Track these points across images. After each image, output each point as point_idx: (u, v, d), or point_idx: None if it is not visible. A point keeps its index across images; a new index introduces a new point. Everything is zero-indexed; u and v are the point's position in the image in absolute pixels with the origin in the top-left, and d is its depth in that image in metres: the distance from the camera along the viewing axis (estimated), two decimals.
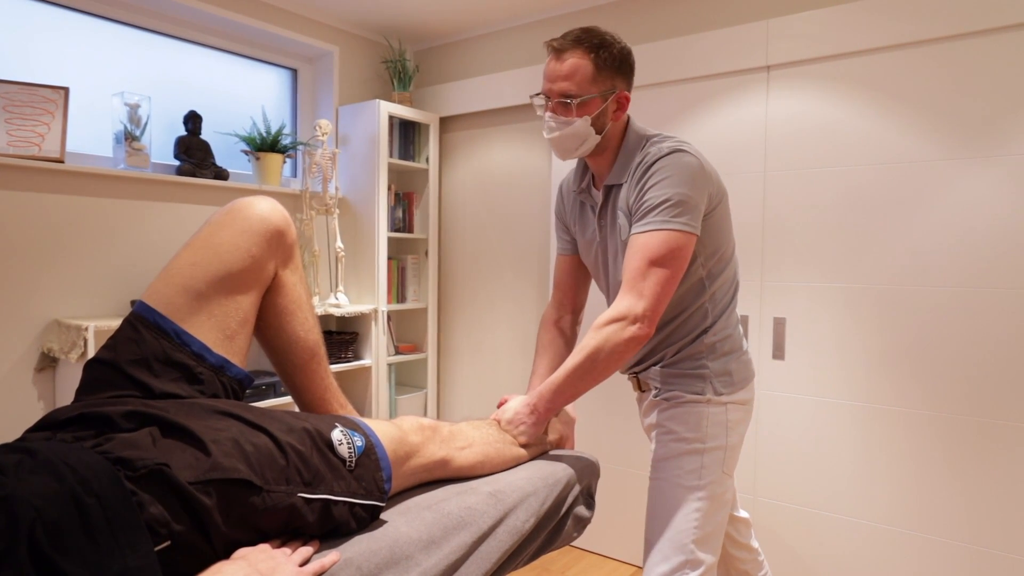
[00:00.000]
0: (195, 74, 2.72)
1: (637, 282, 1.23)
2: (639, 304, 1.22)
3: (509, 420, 1.31)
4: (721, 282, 1.38)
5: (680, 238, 1.23)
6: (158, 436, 0.83)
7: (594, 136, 1.33)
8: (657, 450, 1.39)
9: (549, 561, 2.68)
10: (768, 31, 2.26)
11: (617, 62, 1.30)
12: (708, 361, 1.37)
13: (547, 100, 1.33)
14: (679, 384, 1.38)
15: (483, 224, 3.16)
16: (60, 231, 2.21)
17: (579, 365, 1.25)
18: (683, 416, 1.36)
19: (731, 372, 1.38)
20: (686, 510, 1.32)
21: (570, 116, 1.30)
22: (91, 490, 0.71)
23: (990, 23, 1.89)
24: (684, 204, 1.24)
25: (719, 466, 1.35)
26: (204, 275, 1.01)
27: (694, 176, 1.25)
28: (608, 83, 1.30)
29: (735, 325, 1.42)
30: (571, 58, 1.28)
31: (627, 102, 1.34)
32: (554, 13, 2.90)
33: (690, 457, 1.34)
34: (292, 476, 0.87)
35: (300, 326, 1.14)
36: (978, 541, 1.96)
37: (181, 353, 0.98)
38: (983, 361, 1.94)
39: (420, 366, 3.30)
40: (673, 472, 1.35)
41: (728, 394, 1.37)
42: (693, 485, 1.33)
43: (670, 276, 1.23)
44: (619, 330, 1.22)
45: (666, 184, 1.25)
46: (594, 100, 1.30)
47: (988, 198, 1.92)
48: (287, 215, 1.11)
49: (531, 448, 1.33)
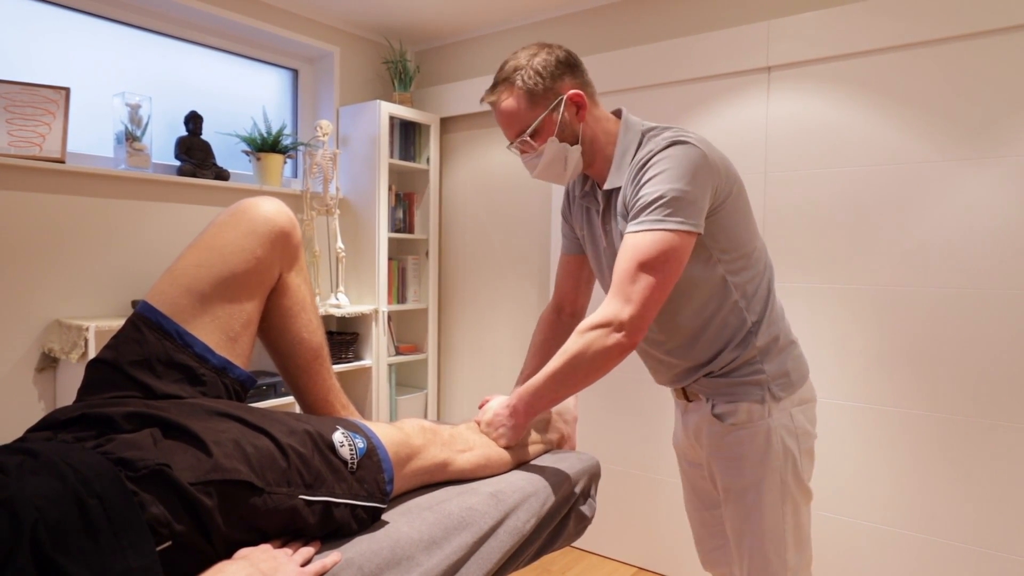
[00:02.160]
0: (196, 74, 2.72)
1: (625, 286, 1.14)
2: (625, 310, 1.13)
3: (488, 422, 1.26)
4: (750, 276, 1.27)
5: (673, 239, 1.13)
6: (159, 437, 0.83)
7: (573, 149, 1.27)
8: (730, 477, 1.30)
9: (550, 561, 2.68)
10: (769, 32, 2.26)
11: (546, 72, 1.24)
12: (763, 364, 1.27)
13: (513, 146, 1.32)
14: (735, 394, 1.27)
15: (483, 225, 3.16)
16: (61, 231, 2.21)
17: (559, 370, 1.17)
18: (749, 438, 1.27)
19: (788, 372, 1.29)
20: (776, 529, 1.27)
21: (535, 148, 1.27)
22: (93, 490, 0.71)
23: (990, 24, 1.89)
24: (680, 201, 1.14)
25: (799, 475, 1.28)
26: (208, 276, 1.01)
27: (693, 169, 1.15)
28: (548, 96, 1.24)
29: (780, 320, 1.32)
30: (503, 101, 1.26)
31: (581, 98, 1.26)
32: (554, 14, 2.90)
33: (769, 478, 1.26)
34: (293, 478, 0.87)
35: (304, 328, 1.14)
36: (977, 542, 1.96)
37: (184, 354, 0.98)
38: (983, 362, 1.94)
39: (420, 367, 3.30)
40: (755, 497, 1.27)
41: (788, 396, 1.28)
42: (778, 504, 1.27)
43: (661, 281, 1.14)
44: (602, 337, 1.14)
45: (661, 179, 1.15)
46: (545, 120, 1.25)
47: (988, 199, 1.92)
48: (292, 216, 1.11)
49: (532, 449, 1.32)
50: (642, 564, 2.63)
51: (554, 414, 1.46)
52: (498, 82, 1.27)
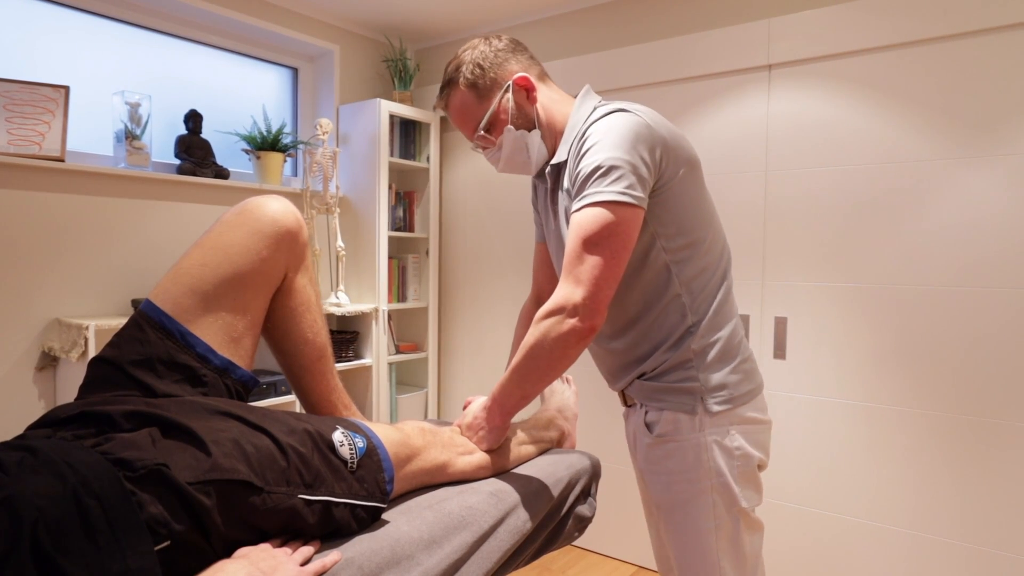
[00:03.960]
0: (196, 73, 2.72)
1: (573, 267, 1.06)
2: (576, 292, 1.05)
3: (468, 426, 1.21)
4: (697, 270, 1.16)
5: (618, 211, 1.04)
6: (158, 436, 0.83)
7: (532, 134, 1.22)
8: (658, 492, 1.22)
9: (550, 560, 2.68)
10: (770, 30, 2.25)
11: (486, 64, 1.21)
12: (698, 371, 1.15)
13: (475, 146, 1.29)
14: (665, 401, 1.18)
15: (484, 223, 3.16)
16: (61, 230, 2.21)
17: (520, 365, 1.11)
18: (677, 452, 1.17)
19: (727, 385, 1.16)
20: (707, 554, 1.16)
21: (493, 142, 1.25)
22: (91, 491, 0.71)
23: (991, 22, 1.89)
24: (617, 170, 1.05)
25: (733, 500, 1.16)
26: (213, 276, 1.01)
27: (632, 137, 1.07)
28: (494, 87, 1.21)
29: (729, 325, 1.20)
30: (452, 102, 1.24)
31: (527, 81, 1.21)
32: (554, 12, 2.90)
33: (699, 499, 1.16)
34: (293, 477, 0.87)
35: (309, 328, 1.14)
36: (977, 540, 1.95)
37: (185, 355, 0.98)
38: (984, 361, 1.93)
39: (421, 365, 3.30)
40: (683, 516, 1.18)
41: (725, 412, 1.15)
42: (709, 527, 1.16)
43: (610, 256, 1.05)
44: (557, 324, 1.06)
45: (597, 149, 1.07)
46: (497, 110, 1.21)
47: (989, 197, 1.92)
48: (299, 216, 1.10)
49: (533, 448, 1.32)
50: (642, 563, 2.63)
51: (555, 412, 1.45)
52: (443, 85, 1.25)
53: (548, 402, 1.50)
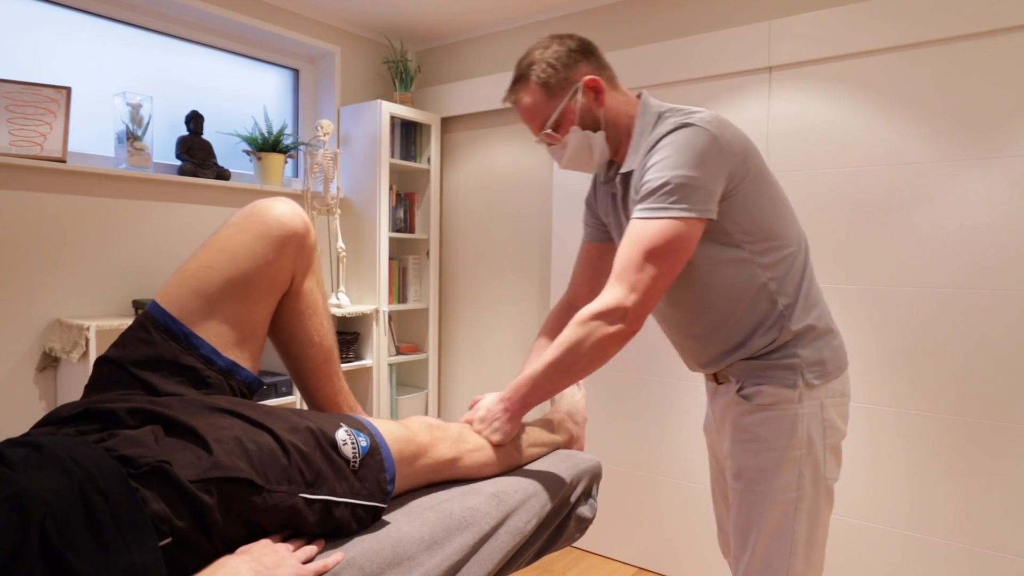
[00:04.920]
0: (197, 74, 2.72)
1: (631, 274, 1.11)
2: (630, 298, 1.11)
3: (482, 419, 1.22)
4: (780, 258, 1.22)
5: (680, 227, 1.11)
6: (161, 434, 0.84)
7: (597, 136, 1.27)
8: (743, 459, 1.24)
9: (551, 562, 2.68)
10: (770, 32, 2.26)
11: (559, 63, 1.24)
12: (799, 348, 1.21)
13: (539, 140, 1.33)
14: (767, 378, 1.22)
15: (484, 224, 3.16)
16: (62, 231, 2.21)
17: (558, 360, 1.14)
18: (774, 420, 1.21)
19: (825, 360, 1.23)
20: (783, 525, 1.19)
21: (559, 139, 1.28)
22: (97, 487, 0.72)
23: (992, 25, 1.89)
24: (686, 187, 1.11)
25: (819, 472, 1.21)
26: (218, 279, 1.01)
27: (701, 153, 1.11)
28: (565, 87, 1.25)
29: (820, 304, 1.26)
30: (522, 99, 1.28)
31: (597, 83, 1.25)
32: (555, 14, 2.90)
33: (786, 468, 1.20)
34: (294, 476, 0.87)
35: (315, 331, 1.14)
36: (974, 541, 1.95)
37: (190, 356, 0.98)
38: (983, 362, 1.94)
39: (421, 366, 3.30)
40: (765, 485, 1.21)
41: (821, 385, 1.21)
42: (791, 498, 1.20)
43: (667, 270, 1.12)
44: (604, 326, 1.11)
45: (665, 165, 1.13)
46: (565, 110, 1.25)
47: (989, 199, 1.92)
48: (307, 219, 1.09)
49: (539, 449, 1.31)
50: (642, 564, 2.63)
51: (564, 414, 1.44)
52: (515, 80, 1.28)
53: (558, 404, 1.49)
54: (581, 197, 2.70)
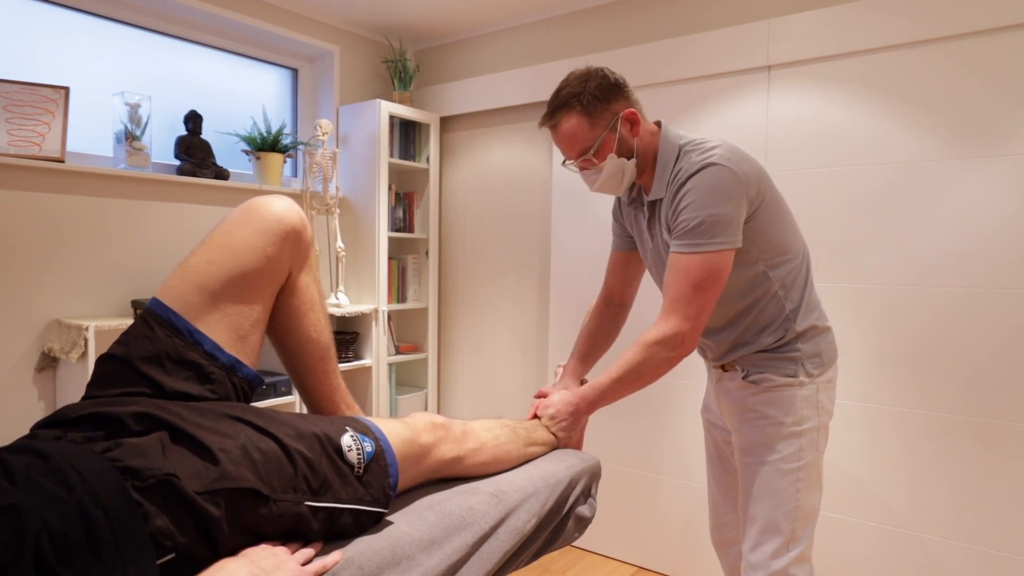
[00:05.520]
0: (196, 74, 2.72)
1: (682, 305, 1.29)
2: (685, 326, 1.29)
3: (552, 416, 1.38)
4: (788, 269, 1.39)
5: (718, 258, 1.28)
6: (167, 442, 0.83)
7: (629, 163, 1.38)
8: (751, 434, 1.42)
9: (550, 561, 2.68)
10: (769, 31, 2.25)
11: (601, 95, 1.35)
12: (800, 343, 1.40)
13: (570, 164, 1.43)
14: (770, 367, 1.40)
15: (484, 224, 3.16)
16: (61, 231, 2.21)
17: (623, 376, 1.33)
18: (777, 400, 1.39)
19: (821, 353, 1.41)
20: (787, 492, 1.37)
21: (596, 165, 1.39)
22: (98, 502, 0.71)
23: (992, 23, 1.89)
24: (719, 223, 1.27)
25: (814, 446, 1.39)
26: (219, 274, 1.01)
27: (726, 191, 1.28)
28: (607, 116, 1.36)
29: (817, 307, 1.44)
30: (563, 124, 1.37)
31: (635, 116, 1.37)
32: (555, 13, 2.90)
33: (788, 441, 1.38)
34: (300, 485, 0.87)
35: (312, 327, 1.14)
36: (976, 540, 1.95)
37: (193, 352, 0.98)
38: (985, 361, 1.94)
39: (420, 366, 3.30)
40: (771, 456, 1.38)
41: (818, 375, 1.40)
42: (792, 468, 1.37)
43: (712, 296, 1.30)
44: (667, 350, 1.30)
45: (698, 205, 1.28)
46: (605, 139, 1.36)
47: (990, 198, 1.92)
48: (303, 215, 1.10)
49: (537, 448, 1.33)
50: (642, 564, 2.63)
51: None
52: (556, 108, 1.38)
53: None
54: (581, 197, 2.70)
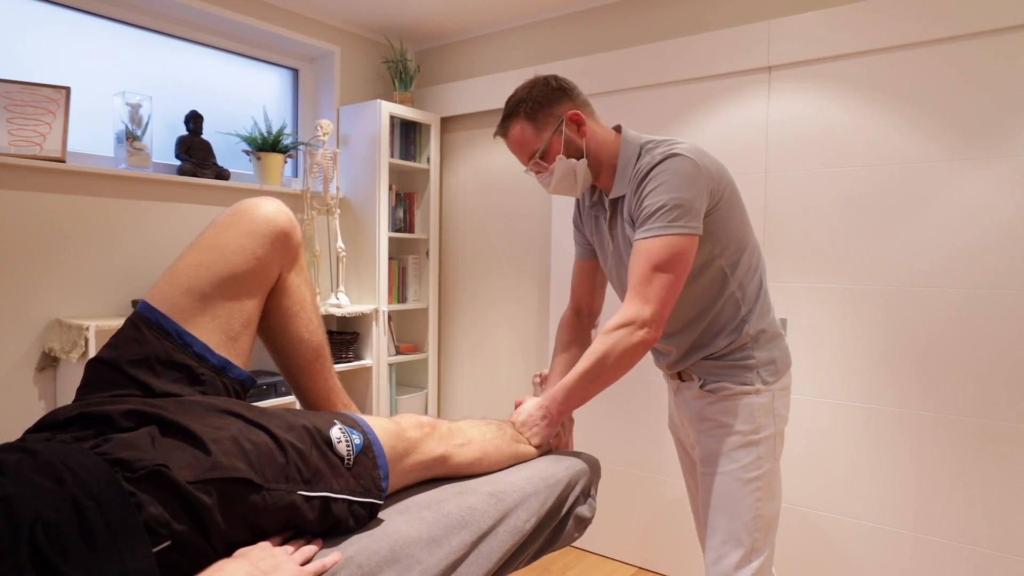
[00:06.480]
0: (196, 74, 2.72)
1: (642, 287, 1.27)
2: (645, 309, 1.26)
3: (523, 422, 1.35)
4: (745, 268, 1.40)
5: (681, 241, 1.27)
6: (157, 436, 0.83)
7: (580, 163, 1.40)
8: (709, 444, 1.42)
9: (550, 561, 2.68)
10: (769, 32, 2.26)
11: (544, 100, 1.38)
12: (754, 351, 1.40)
13: (528, 169, 1.46)
14: (727, 376, 1.40)
15: (484, 224, 3.16)
16: (61, 231, 2.21)
17: (589, 369, 1.29)
18: (734, 409, 1.39)
19: (775, 360, 1.41)
20: (747, 502, 1.37)
21: (546, 168, 1.42)
22: (90, 493, 0.71)
23: (992, 24, 1.89)
24: (681, 207, 1.27)
25: (772, 454, 1.40)
26: (208, 276, 1.01)
27: (689, 178, 1.29)
28: (550, 120, 1.39)
29: (769, 311, 1.45)
30: (511, 131, 1.41)
31: (579, 116, 1.39)
32: (555, 14, 2.90)
33: (746, 450, 1.38)
34: (292, 474, 0.87)
35: (304, 327, 1.15)
36: (979, 542, 1.95)
37: (183, 354, 0.98)
38: (985, 362, 1.94)
39: (421, 366, 3.30)
40: (730, 466, 1.38)
41: (774, 383, 1.40)
42: (752, 477, 1.37)
43: (674, 280, 1.27)
44: (627, 335, 1.26)
45: (662, 190, 1.29)
46: (551, 141, 1.39)
47: (990, 199, 1.92)
48: (292, 216, 1.11)
49: (527, 445, 1.33)
50: (642, 564, 2.63)
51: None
52: (504, 117, 1.42)
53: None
54: None
